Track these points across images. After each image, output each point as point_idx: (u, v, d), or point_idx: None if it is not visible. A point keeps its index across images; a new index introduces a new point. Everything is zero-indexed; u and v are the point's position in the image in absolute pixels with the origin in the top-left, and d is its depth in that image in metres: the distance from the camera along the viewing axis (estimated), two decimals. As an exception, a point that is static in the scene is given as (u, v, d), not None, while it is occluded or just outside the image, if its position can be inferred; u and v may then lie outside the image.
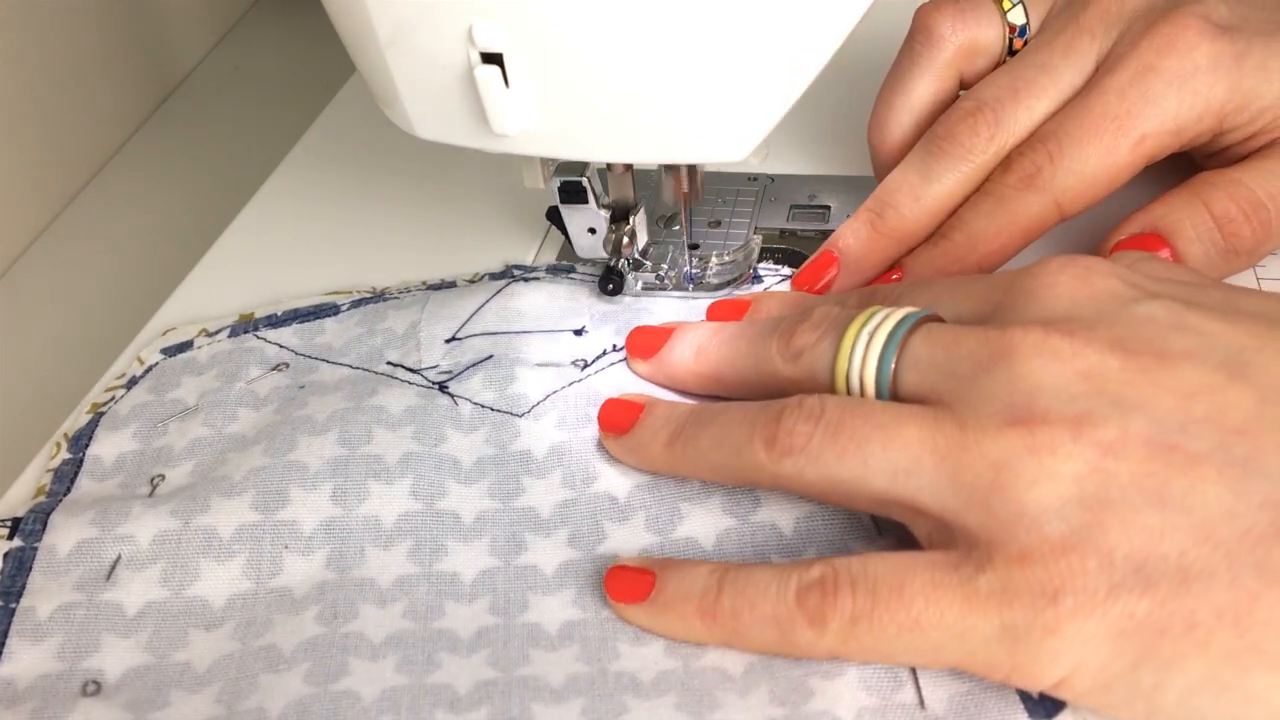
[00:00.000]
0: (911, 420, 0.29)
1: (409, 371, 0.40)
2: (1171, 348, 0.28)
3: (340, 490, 0.36)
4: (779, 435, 0.31)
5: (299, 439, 0.37)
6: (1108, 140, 0.37)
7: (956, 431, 0.28)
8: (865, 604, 0.28)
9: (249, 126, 0.64)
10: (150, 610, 0.33)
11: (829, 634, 0.28)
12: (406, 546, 0.35)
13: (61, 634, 0.33)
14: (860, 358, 0.31)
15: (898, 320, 0.32)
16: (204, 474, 0.37)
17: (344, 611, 0.33)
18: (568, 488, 0.36)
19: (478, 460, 0.37)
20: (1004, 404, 0.28)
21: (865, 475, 0.29)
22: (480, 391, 0.38)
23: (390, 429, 0.37)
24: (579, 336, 0.40)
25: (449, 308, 0.42)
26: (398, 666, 0.31)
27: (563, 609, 0.33)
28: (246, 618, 0.33)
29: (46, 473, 0.38)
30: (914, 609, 0.27)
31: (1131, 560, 0.26)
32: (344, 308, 0.43)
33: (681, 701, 0.29)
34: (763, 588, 0.29)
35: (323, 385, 0.40)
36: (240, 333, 0.43)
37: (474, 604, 0.33)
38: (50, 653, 0.32)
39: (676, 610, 0.31)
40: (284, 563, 0.34)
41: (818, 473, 0.30)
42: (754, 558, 0.33)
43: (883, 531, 0.33)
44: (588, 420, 0.37)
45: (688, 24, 0.31)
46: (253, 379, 0.40)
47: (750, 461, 0.31)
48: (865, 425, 0.29)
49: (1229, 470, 0.26)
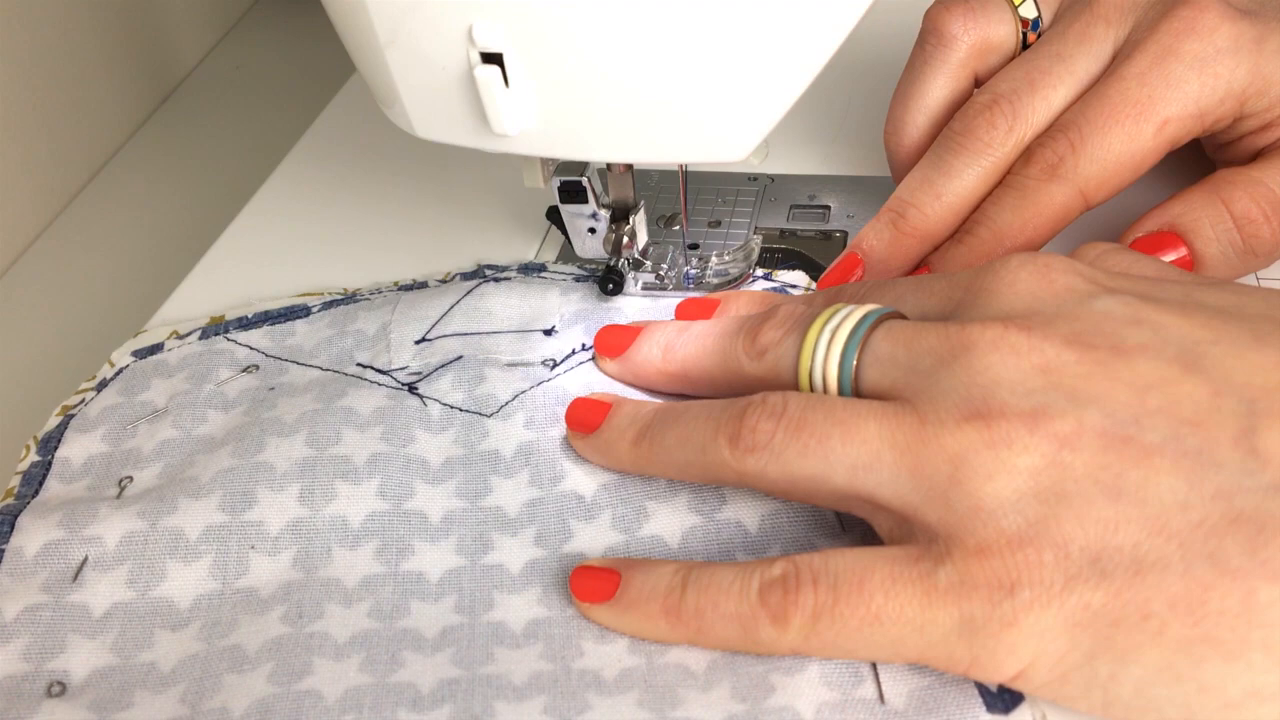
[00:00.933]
0: (871, 416, 0.29)
1: (378, 373, 0.40)
2: (1127, 341, 0.28)
3: (308, 491, 0.36)
4: (742, 433, 0.31)
5: (267, 440, 0.37)
6: (1130, 126, 0.36)
7: (916, 426, 0.28)
8: (827, 599, 0.28)
9: (249, 126, 0.64)
10: (116, 611, 0.33)
11: (791, 630, 0.28)
12: (373, 546, 0.35)
13: (28, 635, 0.33)
14: (823, 355, 0.32)
15: (859, 317, 0.32)
16: (172, 476, 0.37)
17: (309, 611, 0.33)
18: (535, 487, 0.36)
19: (446, 460, 0.37)
20: (962, 398, 0.28)
21: (826, 471, 0.29)
22: (449, 392, 0.39)
23: (359, 430, 0.37)
24: (549, 336, 0.40)
25: (419, 309, 0.42)
26: (361, 666, 0.31)
27: (528, 608, 0.33)
28: (212, 618, 0.33)
29: (15, 475, 0.38)
30: (874, 603, 0.27)
31: (1087, 552, 0.26)
32: (315, 309, 0.43)
33: (644, 699, 0.30)
34: (725, 586, 0.30)
35: (292, 387, 0.40)
36: (211, 335, 0.43)
37: (439, 603, 0.33)
38: (16, 654, 0.32)
39: (641, 610, 0.31)
40: (250, 563, 0.34)
41: (780, 469, 0.30)
42: (719, 555, 0.33)
43: (847, 528, 0.33)
44: (555, 420, 0.37)
45: (688, 24, 0.31)
46: (222, 381, 0.40)
47: (714, 459, 0.32)
48: (826, 421, 0.30)
49: (1182, 461, 0.26)
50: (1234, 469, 0.26)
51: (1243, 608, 0.25)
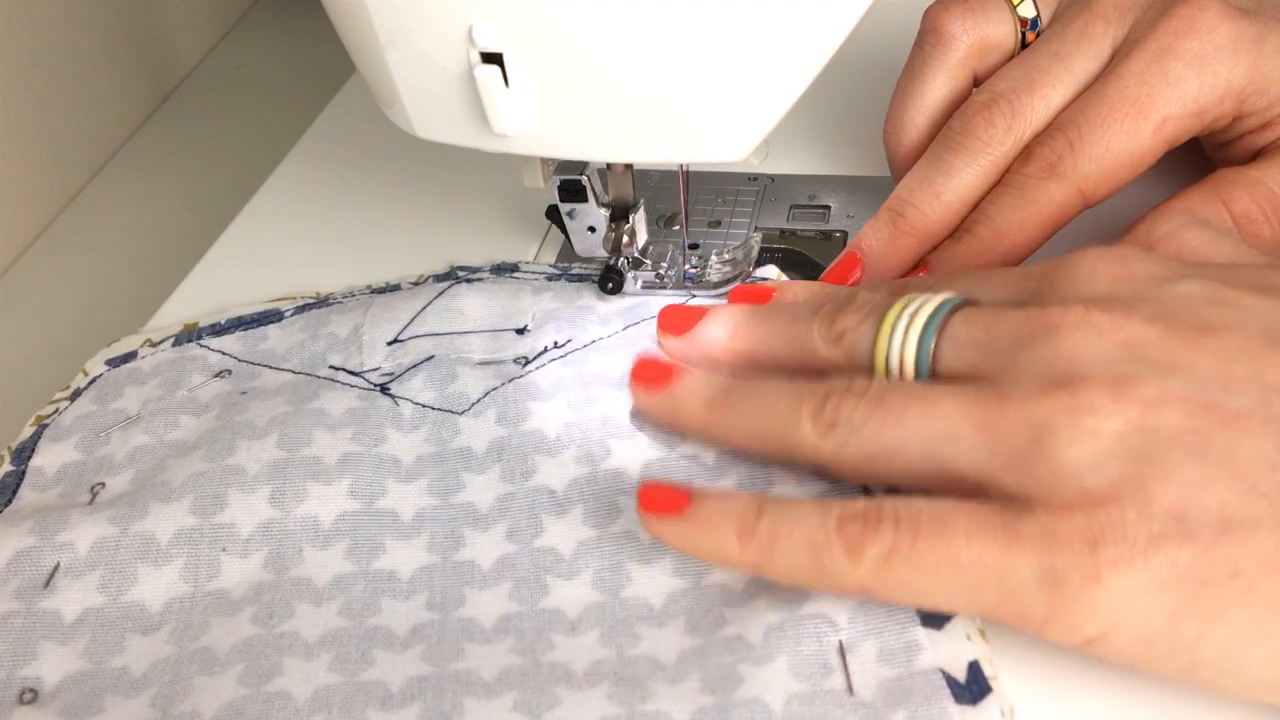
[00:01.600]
0: (950, 393, 0.29)
1: (351, 374, 0.40)
2: (1210, 320, 0.28)
3: (279, 492, 0.36)
4: (825, 410, 0.31)
5: (238, 443, 0.37)
6: (1129, 124, 0.36)
7: (996, 400, 0.28)
8: (906, 537, 0.28)
9: (249, 126, 0.64)
10: (88, 617, 0.33)
11: (864, 564, 0.28)
12: (344, 546, 0.35)
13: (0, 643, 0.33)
14: (900, 339, 0.32)
15: (938, 303, 0.32)
16: (144, 481, 0.37)
17: (279, 611, 0.33)
18: (506, 482, 0.36)
19: (418, 458, 0.37)
20: (1044, 373, 0.28)
21: (903, 443, 0.29)
22: (421, 391, 0.39)
23: (330, 431, 0.37)
24: (521, 335, 0.40)
25: (391, 310, 0.42)
26: (331, 665, 0.31)
27: (498, 603, 0.33)
28: (183, 621, 0.33)
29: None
30: (954, 546, 0.27)
31: (1172, 511, 0.26)
32: (288, 314, 0.43)
33: (614, 692, 0.30)
34: (804, 514, 0.29)
35: (264, 391, 0.40)
36: (184, 342, 0.43)
37: (410, 600, 0.33)
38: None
39: (714, 525, 0.30)
40: (221, 565, 0.34)
41: (859, 445, 0.30)
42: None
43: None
44: (526, 415, 0.37)
45: (688, 24, 0.31)
46: (195, 386, 0.40)
47: (794, 431, 0.32)
48: (906, 398, 0.30)
49: (1270, 425, 0.26)
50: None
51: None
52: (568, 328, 0.40)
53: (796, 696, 0.29)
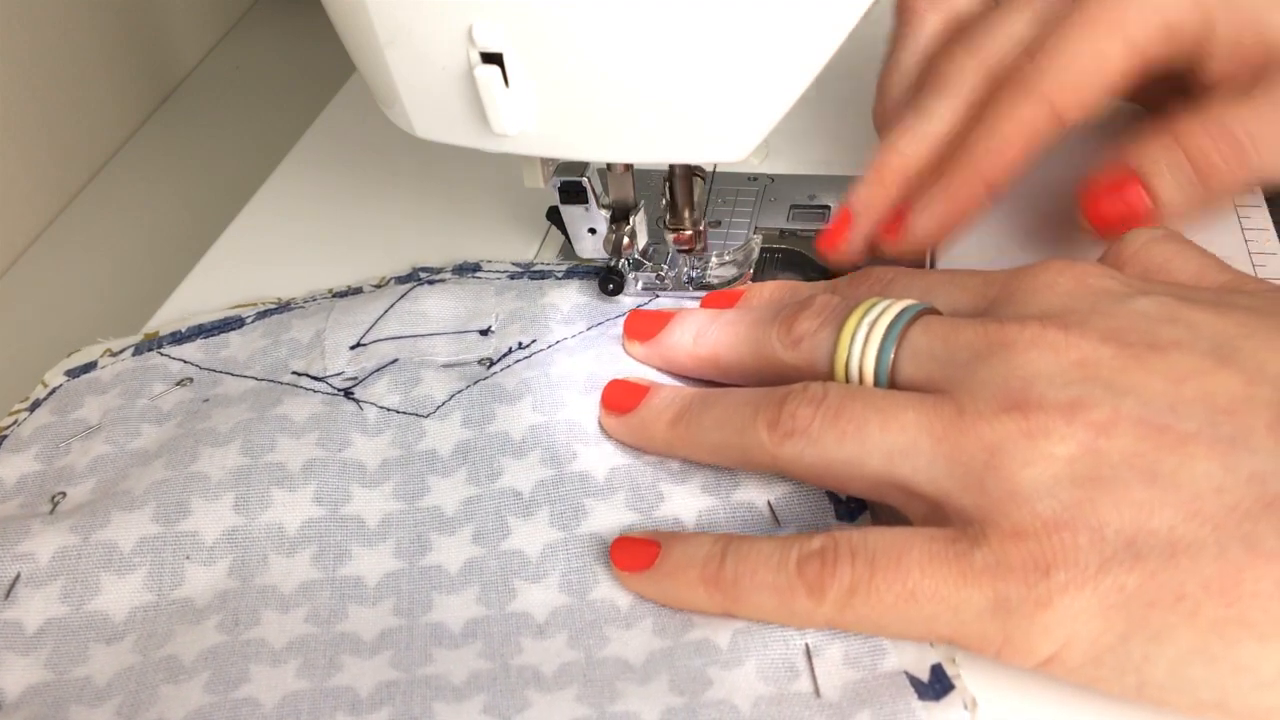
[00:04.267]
0: (910, 405, 0.30)
1: (314, 380, 0.39)
2: (1162, 338, 0.28)
3: (242, 499, 0.35)
4: (781, 418, 0.31)
5: (201, 450, 0.37)
6: (1096, 40, 0.37)
7: (954, 415, 0.29)
8: (864, 574, 0.28)
9: (249, 126, 0.64)
10: (50, 627, 0.33)
11: (827, 603, 0.29)
12: (310, 552, 0.35)
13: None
14: (860, 347, 0.32)
15: (897, 312, 0.32)
16: (105, 490, 0.37)
17: (245, 619, 0.33)
18: (472, 484, 0.36)
19: (383, 462, 0.37)
20: (1000, 390, 0.28)
21: (862, 456, 0.30)
22: (385, 395, 0.38)
23: (294, 437, 0.37)
24: (485, 336, 0.40)
25: (353, 314, 0.41)
26: (299, 671, 0.31)
27: (465, 607, 0.33)
28: (148, 630, 0.33)
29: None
30: (910, 580, 0.28)
31: (1122, 535, 0.26)
32: (249, 320, 0.43)
33: (583, 693, 0.30)
34: (764, 557, 0.30)
35: (227, 398, 0.39)
36: (144, 351, 0.42)
37: (378, 606, 0.33)
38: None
39: (679, 577, 0.31)
40: (185, 573, 0.34)
41: (817, 455, 0.30)
42: None
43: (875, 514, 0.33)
44: (492, 417, 0.37)
45: (688, 24, 0.31)
46: (156, 395, 0.40)
47: (752, 442, 0.32)
48: (865, 409, 0.30)
49: (1218, 447, 0.27)
50: (1268, 455, 0.26)
51: (1276, 589, 0.25)
52: (531, 328, 0.40)
53: (764, 699, 0.29)
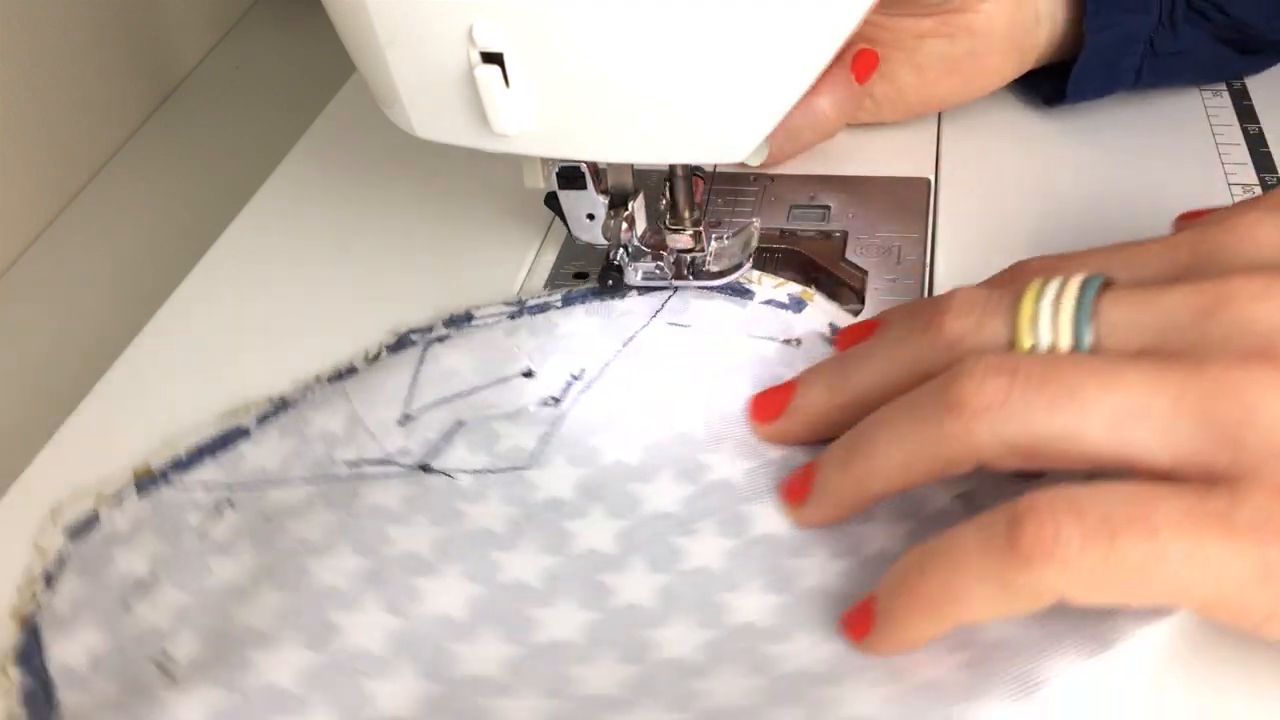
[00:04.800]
0: (1131, 365, 0.26)
1: (378, 464, 0.37)
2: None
3: (391, 600, 0.32)
4: (966, 395, 0.27)
5: (308, 565, 0.33)
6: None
7: (1191, 369, 0.26)
8: (1100, 533, 0.25)
9: (249, 126, 0.64)
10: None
11: (1052, 568, 0.25)
12: (495, 632, 0.32)
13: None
14: (1047, 331, 0.28)
15: (1080, 284, 0.29)
16: (217, 636, 0.33)
17: (472, 715, 0.30)
18: (618, 518, 0.35)
19: (508, 523, 0.35)
20: (1240, 344, 0.26)
21: (1081, 426, 0.26)
22: (470, 459, 0.37)
23: (403, 524, 0.35)
24: (530, 379, 0.39)
25: (378, 391, 0.39)
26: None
27: (691, 633, 0.31)
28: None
29: (18, 708, 0.33)
30: (1160, 540, 0.24)
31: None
32: (252, 427, 0.39)
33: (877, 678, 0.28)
34: (964, 546, 0.26)
35: (290, 509, 0.36)
36: (149, 488, 0.37)
37: (601, 663, 0.31)
38: None
39: (893, 618, 0.28)
40: (370, 692, 0.31)
41: (1025, 429, 0.27)
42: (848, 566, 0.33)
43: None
44: (598, 450, 0.36)
45: (688, 24, 0.31)
46: (204, 528, 0.36)
47: (937, 437, 0.28)
48: (1077, 372, 0.27)
49: None
50: None
51: None
52: (572, 359, 0.39)
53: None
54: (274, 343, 0.44)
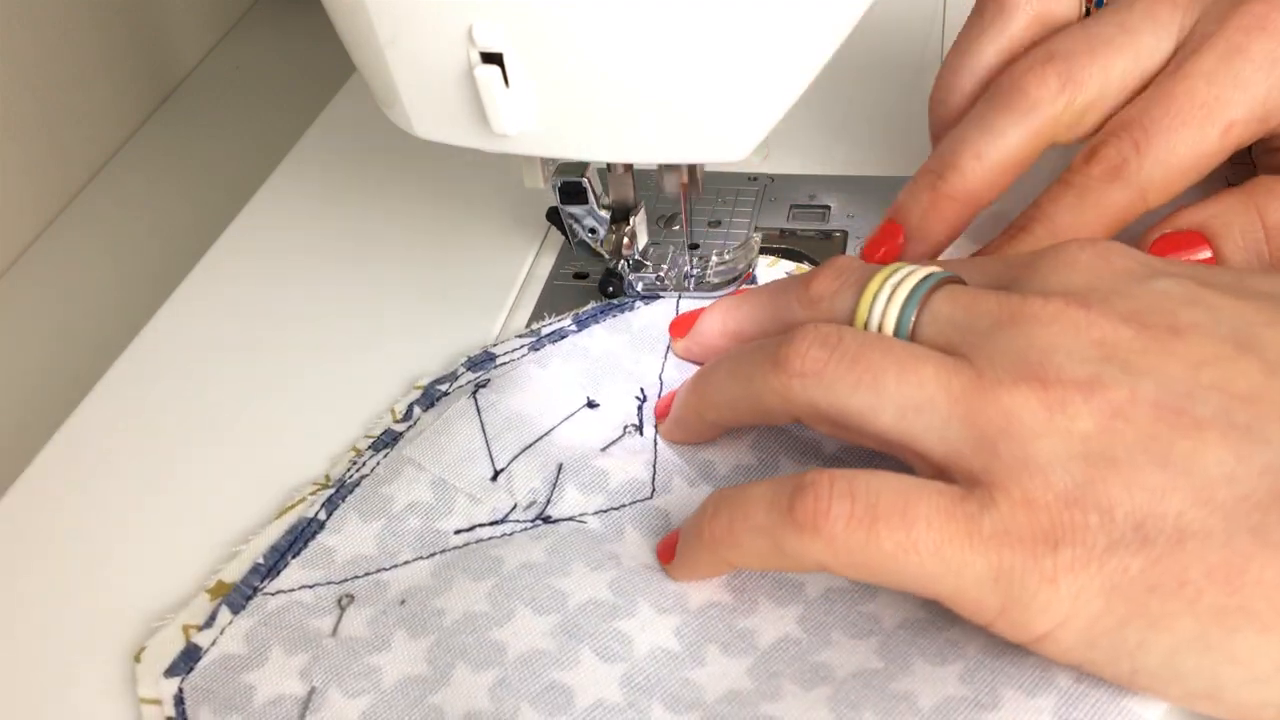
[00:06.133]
0: (929, 360, 0.29)
1: (492, 525, 0.36)
2: (1182, 320, 0.28)
3: (601, 649, 0.31)
4: (790, 356, 0.31)
5: (494, 636, 0.32)
6: (1196, 129, 0.35)
7: (973, 377, 0.28)
8: (863, 517, 0.27)
9: (249, 126, 0.64)
10: None
11: (819, 541, 0.28)
12: (717, 650, 0.32)
13: None
14: (881, 308, 0.32)
15: (922, 276, 0.32)
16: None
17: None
18: None
19: (655, 554, 0.35)
20: (1019, 360, 0.28)
21: (876, 408, 0.29)
22: (587, 502, 0.36)
23: (564, 575, 0.33)
24: (595, 409, 0.38)
25: (447, 451, 0.37)
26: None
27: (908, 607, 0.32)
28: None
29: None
30: (914, 532, 0.27)
31: (1132, 518, 0.26)
32: (323, 517, 0.36)
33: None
34: (756, 500, 0.29)
35: (425, 588, 0.34)
36: (241, 606, 0.34)
37: (854, 645, 0.31)
38: None
39: (689, 548, 0.31)
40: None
41: (829, 400, 0.30)
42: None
43: None
44: (711, 464, 0.36)
45: (688, 24, 0.31)
46: (336, 630, 0.34)
47: (761, 386, 0.31)
48: (884, 359, 0.29)
49: (1232, 434, 0.26)
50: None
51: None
52: (625, 382, 0.39)
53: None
54: (274, 343, 0.44)
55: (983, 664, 0.30)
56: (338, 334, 0.44)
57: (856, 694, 0.30)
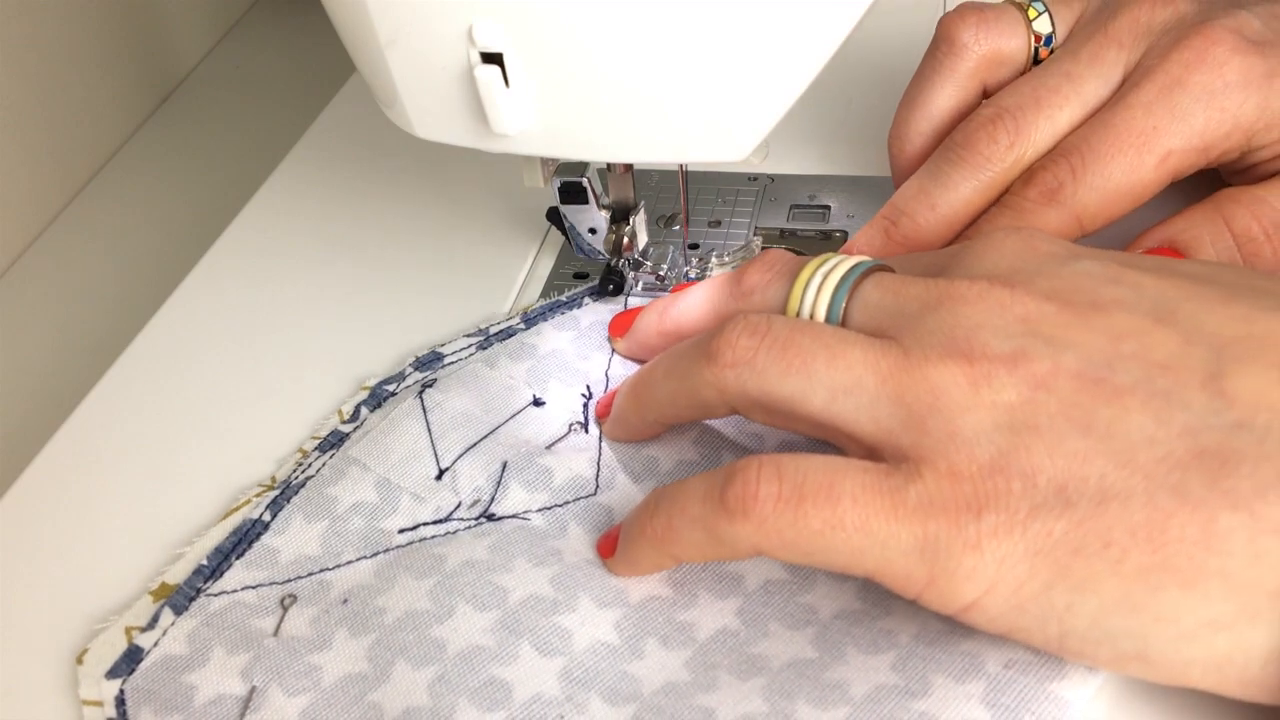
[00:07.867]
0: (857, 343, 0.30)
1: (436, 524, 0.36)
2: (1104, 297, 0.29)
3: (540, 643, 0.32)
4: (721, 348, 0.31)
5: (435, 633, 0.32)
6: (1132, 156, 0.36)
7: (899, 357, 0.29)
8: (791, 497, 0.28)
9: (249, 126, 0.64)
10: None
11: (750, 524, 0.28)
12: (657, 643, 0.32)
13: None
14: (812, 298, 0.32)
15: (851, 265, 0.33)
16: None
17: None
18: None
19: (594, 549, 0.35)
20: (946, 339, 0.29)
21: (807, 392, 0.30)
22: (532, 499, 0.36)
23: (506, 571, 0.34)
24: (541, 406, 0.39)
25: (393, 452, 0.38)
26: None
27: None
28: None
29: None
30: (840, 509, 0.28)
31: (1054, 482, 0.27)
32: (267, 518, 0.36)
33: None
34: (692, 493, 0.30)
35: (368, 587, 0.34)
36: (184, 607, 0.34)
37: (803, 630, 0.32)
38: None
39: (631, 544, 0.32)
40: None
41: (760, 387, 0.31)
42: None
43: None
44: (655, 460, 0.37)
45: (688, 24, 0.31)
46: (278, 630, 0.34)
47: (696, 380, 0.32)
48: (813, 344, 0.30)
49: (1152, 401, 0.27)
50: (1201, 409, 0.27)
51: (1202, 535, 0.25)
52: (574, 379, 0.39)
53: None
54: (274, 342, 0.44)
55: (915, 653, 0.30)
56: (338, 334, 0.44)
57: (791, 683, 0.30)
